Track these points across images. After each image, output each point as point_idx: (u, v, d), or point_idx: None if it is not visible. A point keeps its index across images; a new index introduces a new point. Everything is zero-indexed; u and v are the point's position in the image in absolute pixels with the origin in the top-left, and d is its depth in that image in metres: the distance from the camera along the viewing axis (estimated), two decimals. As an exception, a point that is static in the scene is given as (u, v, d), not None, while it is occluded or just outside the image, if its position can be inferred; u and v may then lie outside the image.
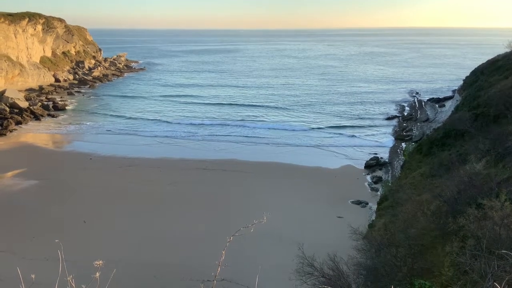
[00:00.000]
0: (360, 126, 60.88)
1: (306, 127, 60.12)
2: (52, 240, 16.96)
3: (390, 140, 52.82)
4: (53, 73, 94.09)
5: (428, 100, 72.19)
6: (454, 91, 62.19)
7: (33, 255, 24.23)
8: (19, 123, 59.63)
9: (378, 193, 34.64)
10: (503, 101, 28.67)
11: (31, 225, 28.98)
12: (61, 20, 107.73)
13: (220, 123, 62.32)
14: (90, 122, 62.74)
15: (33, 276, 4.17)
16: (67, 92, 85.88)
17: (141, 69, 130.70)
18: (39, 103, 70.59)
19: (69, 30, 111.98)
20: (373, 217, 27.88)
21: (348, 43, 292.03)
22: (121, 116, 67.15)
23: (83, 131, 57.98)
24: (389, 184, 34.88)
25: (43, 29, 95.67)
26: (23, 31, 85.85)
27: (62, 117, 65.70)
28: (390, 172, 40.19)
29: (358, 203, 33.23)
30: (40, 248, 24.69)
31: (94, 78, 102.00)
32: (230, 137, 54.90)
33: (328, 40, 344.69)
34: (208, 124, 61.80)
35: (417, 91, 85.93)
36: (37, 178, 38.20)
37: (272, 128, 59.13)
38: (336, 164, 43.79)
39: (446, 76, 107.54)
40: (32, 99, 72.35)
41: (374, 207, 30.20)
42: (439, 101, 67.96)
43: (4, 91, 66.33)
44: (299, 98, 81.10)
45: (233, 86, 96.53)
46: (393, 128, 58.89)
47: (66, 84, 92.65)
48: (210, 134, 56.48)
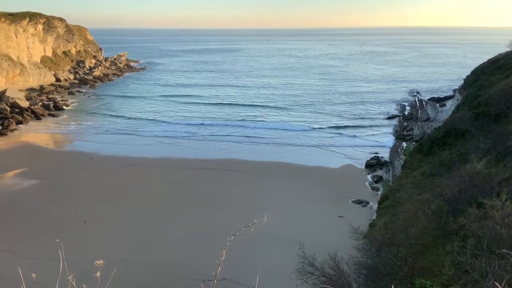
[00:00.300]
0: (361, 126, 60.82)
1: (307, 127, 60.08)
2: (53, 240, 16.96)
3: (391, 140, 52.80)
4: (54, 73, 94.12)
5: (429, 100, 72.16)
6: (455, 91, 62.12)
7: (34, 255, 24.26)
8: (20, 123, 59.70)
9: (379, 193, 34.62)
10: (504, 100, 28.66)
11: (32, 225, 29.01)
12: (62, 20, 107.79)
13: (221, 123, 62.31)
14: (91, 122, 62.79)
15: (34, 276, 4.18)
16: (68, 92, 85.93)
17: (142, 69, 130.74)
18: (40, 103, 70.61)
19: (70, 30, 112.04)
20: (374, 217, 27.89)
21: (349, 42, 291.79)
22: (122, 116, 67.19)
23: (84, 131, 58.02)
24: (390, 184, 34.89)
25: (44, 29, 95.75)
26: (24, 31, 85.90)
27: (63, 117, 65.77)
28: (391, 172, 40.19)
29: (359, 203, 33.23)
30: (41, 248, 24.71)
31: (95, 78, 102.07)
32: (231, 137, 54.90)
33: (329, 40, 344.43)
34: (209, 124, 61.79)
35: (418, 91, 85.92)
36: (38, 178, 38.23)
37: (273, 128, 59.08)
38: (337, 164, 43.78)
39: (447, 76, 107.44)
40: (33, 99, 72.39)
41: (375, 207, 30.19)
42: (440, 101, 67.91)
43: (5, 91, 66.43)
44: (300, 98, 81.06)
45: (234, 86, 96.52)
46: (394, 128, 58.87)
47: (67, 84, 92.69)
48: (211, 134, 56.49)
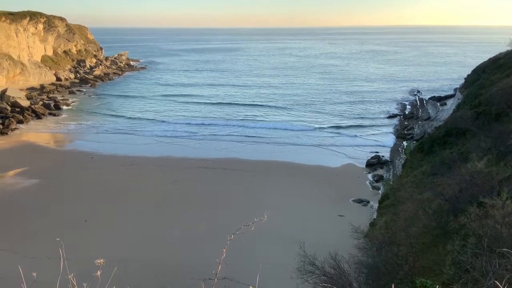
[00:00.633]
0: (361, 125, 60.75)
1: (307, 126, 60.04)
2: (53, 239, 16.99)
3: (392, 139, 52.77)
4: (54, 72, 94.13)
5: (430, 99, 72.08)
6: (456, 90, 62.06)
7: (35, 254, 24.28)
8: (21, 122, 59.73)
9: (380, 192, 34.59)
10: (505, 99, 28.63)
11: (33, 224, 29.03)
12: (62, 19, 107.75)
13: (221, 123, 62.29)
14: (91, 121, 62.80)
15: (35, 275, 4.18)
16: (69, 91, 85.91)
17: (142, 68, 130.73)
18: (41, 102, 70.63)
19: (70, 29, 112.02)
20: (374, 216, 27.89)
21: (350, 42, 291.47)
22: (122, 115, 67.19)
23: (84, 130, 58.05)
24: (390, 183, 34.88)
25: (44, 28, 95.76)
26: (24, 30, 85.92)
27: (63, 116, 65.80)
28: (392, 171, 40.17)
29: (359, 202, 33.22)
30: (42, 247, 24.73)
31: (95, 77, 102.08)
32: (231, 137, 54.88)
33: (329, 39, 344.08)
34: (209, 124, 61.76)
35: (419, 90, 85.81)
36: (39, 177, 38.26)
37: (273, 128, 59.03)
38: (337, 163, 43.76)
39: (448, 75, 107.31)
40: (34, 98, 72.42)
41: (375, 206, 30.19)
42: (441, 100, 67.82)
43: (6, 90, 66.46)
44: (300, 97, 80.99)
45: (234, 85, 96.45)
46: (395, 127, 58.83)
47: (67, 83, 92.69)
48: (211, 134, 56.45)
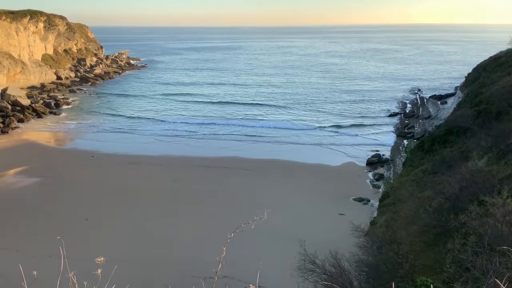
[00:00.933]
0: (362, 124, 60.72)
1: (308, 125, 60.02)
2: (54, 238, 17.01)
3: (392, 137, 52.76)
4: (55, 71, 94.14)
5: (430, 97, 71.98)
6: (456, 88, 61.99)
7: (35, 253, 24.29)
8: (21, 121, 59.75)
9: (380, 190, 34.60)
10: (506, 98, 28.62)
11: (33, 223, 29.06)
12: (63, 18, 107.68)
13: (221, 122, 62.29)
14: (92, 120, 62.80)
15: (35, 273, 4.18)
16: (69, 90, 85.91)
17: (143, 67, 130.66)
18: (41, 101, 70.65)
19: (71, 28, 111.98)
20: (375, 214, 27.89)
21: (350, 40, 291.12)
22: (123, 114, 67.16)
23: (85, 129, 58.05)
24: (391, 181, 34.88)
25: (45, 27, 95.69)
26: (25, 29, 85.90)
27: (64, 115, 65.79)
28: (392, 169, 40.16)
29: (360, 200, 33.23)
30: (43, 246, 24.75)
31: (96, 76, 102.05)
32: (232, 136, 54.88)
33: (330, 37, 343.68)
34: (209, 123, 61.76)
35: (419, 88, 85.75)
36: (39, 176, 38.29)
37: (273, 127, 59.05)
38: (338, 162, 43.76)
39: (448, 73, 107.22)
40: (34, 97, 72.45)
41: (376, 204, 30.19)
42: (441, 98, 67.73)
43: (6, 89, 66.45)
44: (301, 96, 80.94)
45: (234, 84, 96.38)
46: (395, 125, 58.80)
47: (68, 82, 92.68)
48: (212, 133, 56.44)
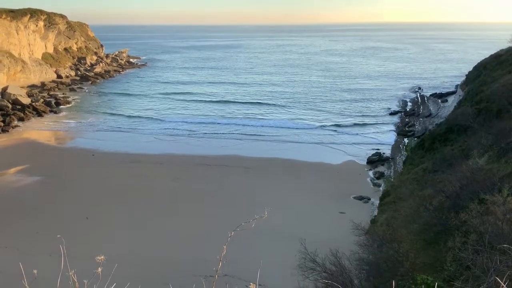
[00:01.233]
0: (363, 122, 60.71)
1: (308, 124, 60.00)
2: (55, 236, 17.02)
3: (393, 136, 52.74)
4: (55, 70, 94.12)
5: (431, 96, 71.92)
6: (457, 86, 61.93)
7: (36, 251, 24.32)
8: (21, 120, 59.77)
9: (381, 189, 34.60)
10: (506, 96, 28.58)
11: (34, 221, 29.09)
12: (63, 16, 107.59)
13: (222, 121, 62.26)
14: (92, 119, 62.82)
15: (35, 272, 4.18)
16: (69, 89, 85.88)
17: (143, 65, 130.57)
18: (41, 100, 70.64)
19: (71, 26, 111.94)
20: (375, 213, 27.89)
21: (350, 38, 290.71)
22: (123, 113, 67.12)
23: (85, 128, 58.07)
24: (391, 180, 34.88)
25: (45, 26, 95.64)
26: (25, 28, 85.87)
27: (64, 114, 65.80)
28: (393, 168, 40.15)
29: (360, 199, 33.24)
30: (43, 244, 24.76)
31: (96, 74, 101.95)
32: (232, 134, 54.86)
33: (330, 36, 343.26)
34: (209, 122, 61.75)
35: (420, 87, 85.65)
36: (40, 175, 38.33)
37: (274, 125, 59.04)
38: (338, 160, 43.76)
39: (449, 71, 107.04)
40: (34, 96, 72.45)
41: (377, 203, 30.19)
42: (442, 96, 67.70)
43: (6, 88, 66.45)
44: (301, 95, 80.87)
45: (235, 83, 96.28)
46: (396, 124, 58.77)
47: (68, 81, 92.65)
48: (212, 132, 56.43)
